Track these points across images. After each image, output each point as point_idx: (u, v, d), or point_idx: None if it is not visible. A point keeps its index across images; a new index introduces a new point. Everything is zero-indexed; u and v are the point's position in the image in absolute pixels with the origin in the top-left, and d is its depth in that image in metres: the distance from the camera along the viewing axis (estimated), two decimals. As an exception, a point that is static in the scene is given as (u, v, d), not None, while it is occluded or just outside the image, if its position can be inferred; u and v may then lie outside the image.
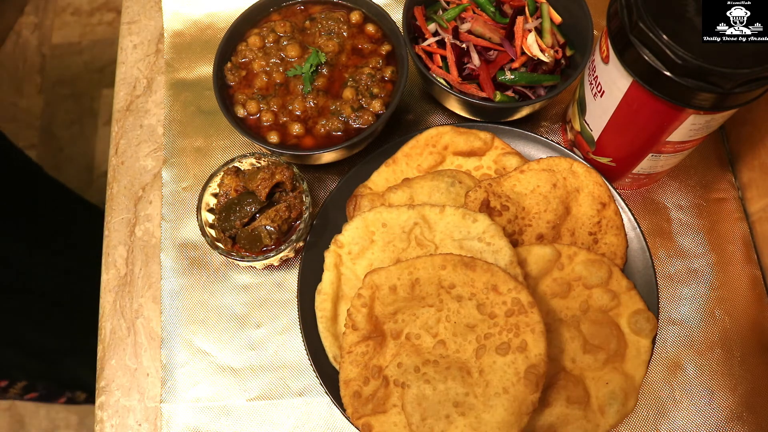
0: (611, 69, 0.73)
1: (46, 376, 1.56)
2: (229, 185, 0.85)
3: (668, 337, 0.88)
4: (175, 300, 0.91)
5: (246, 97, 0.88)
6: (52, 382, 1.59)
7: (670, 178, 0.96)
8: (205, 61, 1.05)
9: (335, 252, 0.82)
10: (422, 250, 0.79)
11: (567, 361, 0.78)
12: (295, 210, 0.85)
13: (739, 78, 0.62)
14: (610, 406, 0.76)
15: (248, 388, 0.87)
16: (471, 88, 0.90)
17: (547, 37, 0.91)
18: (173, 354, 0.89)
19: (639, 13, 0.64)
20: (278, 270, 0.92)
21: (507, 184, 0.85)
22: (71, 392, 1.68)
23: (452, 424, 0.71)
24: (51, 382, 1.59)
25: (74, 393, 1.69)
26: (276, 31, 0.91)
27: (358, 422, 0.75)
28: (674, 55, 0.62)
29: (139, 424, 0.87)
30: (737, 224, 0.94)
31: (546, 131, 0.99)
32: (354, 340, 0.76)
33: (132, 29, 1.11)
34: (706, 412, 0.85)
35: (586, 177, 0.87)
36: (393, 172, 0.90)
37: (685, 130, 0.73)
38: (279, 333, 0.89)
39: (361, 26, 0.93)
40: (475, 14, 0.93)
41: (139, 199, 0.99)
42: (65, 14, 2.55)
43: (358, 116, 0.87)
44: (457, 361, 0.73)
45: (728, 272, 0.91)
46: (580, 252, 0.81)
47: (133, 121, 1.04)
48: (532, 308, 0.72)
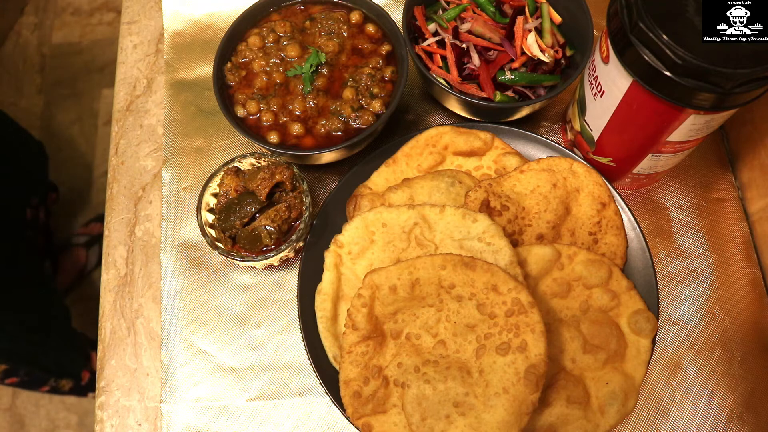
0: (611, 69, 0.73)
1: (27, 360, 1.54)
2: (229, 185, 0.85)
3: (668, 337, 0.88)
4: (175, 300, 0.91)
5: (246, 97, 0.88)
6: (33, 365, 1.58)
7: (670, 178, 0.96)
8: (205, 61, 1.05)
9: (335, 252, 0.82)
10: (422, 250, 0.79)
11: (567, 361, 0.78)
12: (295, 210, 0.85)
13: (739, 78, 0.62)
14: (610, 406, 0.76)
15: (248, 388, 0.87)
16: (471, 88, 0.90)
17: (547, 37, 0.91)
18: (173, 354, 0.89)
19: (639, 13, 0.64)
20: (278, 270, 0.92)
21: (507, 184, 0.85)
22: (56, 379, 1.66)
23: (452, 424, 0.71)
24: (33, 365, 1.57)
25: (58, 381, 1.67)
26: (276, 31, 0.91)
27: (358, 422, 0.75)
28: (674, 55, 0.62)
29: (139, 424, 0.87)
30: (737, 224, 0.94)
31: (546, 131, 0.99)
32: (354, 340, 0.76)
33: (132, 29, 1.11)
34: (706, 412, 0.85)
35: (586, 177, 0.87)
36: (393, 172, 0.90)
37: (685, 130, 0.73)
38: (279, 333, 0.89)
39: (361, 26, 0.93)
40: (475, 14, 0.93)
41: (139, 199, 0.99)
42: (65, 14, 2.55)
43: (358, 116, 0.87)
44: (457, 361, 0.73)
45: (728, 272, 0.91)
46: (580, 252, 0.81)
47: (133, 121, 1.04)
48: (532, 308, 0.72)
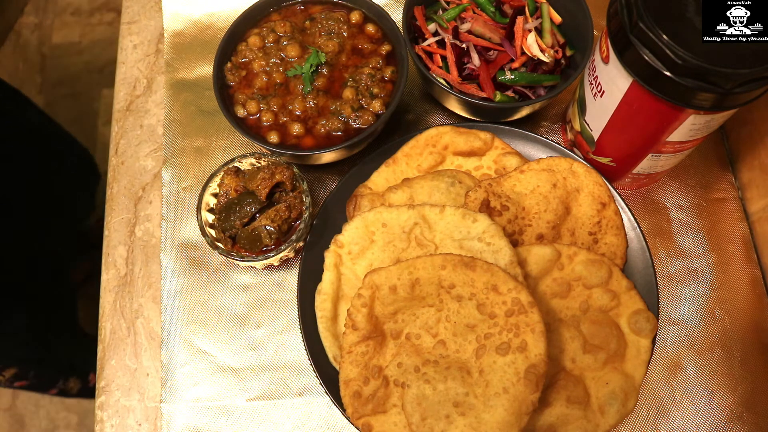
0: (611, 69, 0.73)
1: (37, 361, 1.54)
2: (229, 185, 0.85)
3: (668, 337, 0.88)
4: (175, 300, 0.91)
5: (246, 97, 0.88)
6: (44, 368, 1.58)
7: (670, 178, 0.96)
8: (205, 61, 1.05)
9: (335, 252, 0.82)
10: (422, 250, 0.79)
11: (567, 361, 0.78)
12: (295, 210, 0.85)
13: (739, 78, 0.62)
14: (610, 406, 0.76)
15: (248, 388, 0.87)
16: (471, 88, 0.90)
17: (547, 37, 0.91)
18: (173, 354, 0.89)
19: (639, 13, 0.64)
20: (278, 270, 0.92)
21: (507, 184, 0.85)
22: (64, 381, 1.66)
23: (452, 424, 0.71)
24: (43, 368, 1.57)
25: (66, 383, 1.67)
26: (276, 31, 0.91)
27: (358, 422, 0.75)
28: (674, 55, 0.62)
29: (139, 424, 0.87)
30: (737, 224, 0.94)
31: (546, 131, 0.99)
32: (354, 340, 0.76)
33: (132, 29, 1.11)
34: (706, 412, 0.85)
35: (586, 177, 0.87)
36: (393, 172, 0.90)
37: (685, 130, 0.73)
38: (279, 333, 0.89)
39: (361, 26, 0.93)
40: (475, 14, 0.93)
41: (139, 199, 0.99)
42: (65, 14, 2.55)
43: (358, 116, 0.87)
44: (457, 361, 0.73)
45: (728, 272, 0.91)
46: (580, 252, 0.81)
47: (133, 121, 1.04)
48: (532, 308, 0.72)
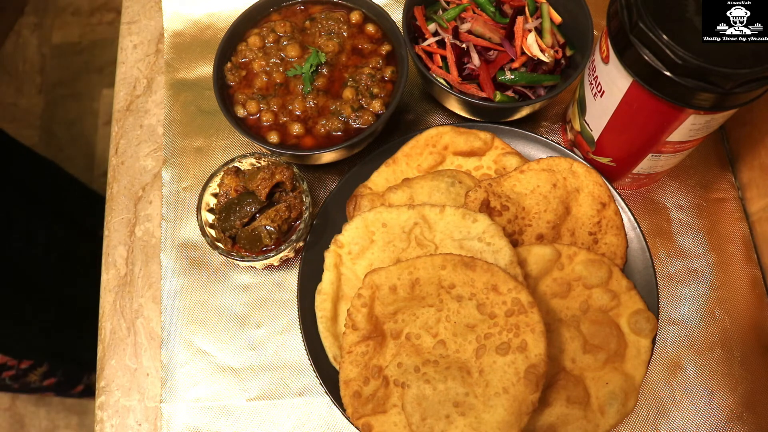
0: (611, 69, 0.73)
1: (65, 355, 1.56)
2: (229, 185, 0.85)
3: (668, 337, 0.88)
4: (175, 300, 0.91)
5: (246, 97, 0.88)
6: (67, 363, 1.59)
7: (670, 178, 0.96)
8: (205, 61, 1.05)
9: (335, 252, 0.82)
10: (422, 250, 0.79)
11: (567, 361, 0.78)
12: (295, 210, 0.85)
13: (739, 78, 0.62)
14: (610, 406, 0.76)
15: (248, 388, 0.87)
16: (471, 88, 0.90)
17: (547, 37, 0.91)
18: (173, 354, 0.89)
19: (639, 13, 0.64)
20: (278, 270, 0.92)
21: (507, 184, 0.85)
22: (88, 377, 1.68)
23: (452, 424, 0.71)
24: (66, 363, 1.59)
25: (90, 377, 1.69)
26: (276, 31, 0.91)
27: (358, 422, 0.75)
28: (674, 55, 0.62)
29: (139, 424, 0.87)
30: (737, 224, 0.94)
31: (546, 131, 0.99)
32: (354, 340, 0.76)
33: (132, 29, 1.11)
34: (706, 412, 0.85)
35: (586, 177, 0.87)
36: (393, 172, 0.90)
37: (685, 130, 0.73)
38: (279, 333, 0.89)
39: (361, 26, 0.93)
40: (475, 14, 0.93)
41: (139, 199, 0.99)
42: (65, 14, 2.55)
43: (358, 116, 0.87)
44: (457, 361, 0.73)
45: (728, 272, 0.91)
46: (580, 252, 0.81)
47: (133, 121, 1.04)
48: (532, 308, 0.72)
